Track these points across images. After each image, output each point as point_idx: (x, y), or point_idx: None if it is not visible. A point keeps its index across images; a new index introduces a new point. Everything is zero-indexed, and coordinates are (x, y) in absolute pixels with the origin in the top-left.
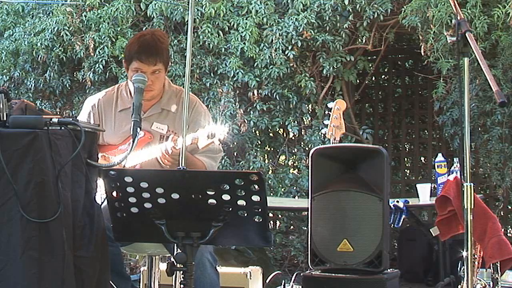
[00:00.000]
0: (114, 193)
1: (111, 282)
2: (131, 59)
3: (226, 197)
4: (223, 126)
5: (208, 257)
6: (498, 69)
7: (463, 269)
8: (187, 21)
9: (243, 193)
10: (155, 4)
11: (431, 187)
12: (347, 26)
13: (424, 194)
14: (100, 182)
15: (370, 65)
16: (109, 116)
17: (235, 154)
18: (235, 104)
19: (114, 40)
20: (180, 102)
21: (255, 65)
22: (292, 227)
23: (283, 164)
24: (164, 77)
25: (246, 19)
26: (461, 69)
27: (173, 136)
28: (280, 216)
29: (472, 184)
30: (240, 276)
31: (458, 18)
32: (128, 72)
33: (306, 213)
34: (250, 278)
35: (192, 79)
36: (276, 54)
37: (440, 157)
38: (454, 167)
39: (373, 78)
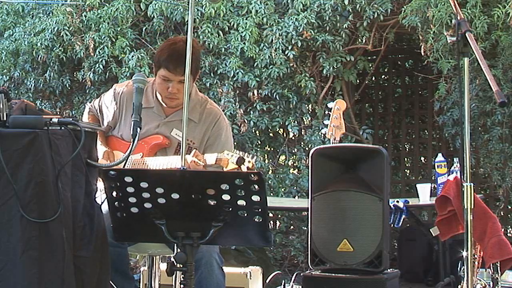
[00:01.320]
0: (114, 193)
1: (114, 282)
2: (159, 66)
3: (226, 197)
4: (251, 156)
5: (216, 258)
6: (498, 69)
7: (463, 269)
8: (187, 21)
9: (243, 193)
10: (155, 4)
11: (431, 187)
12: (347, 26)
13: (424, 194)
14: (100, 182)
15: (370, 65)
16: (129, 110)
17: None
18: (235, 104)
19: (114, 40)
20: (204, 113)
21: (255, 65)
22: (292, 227)
23: (283, 164)
24: (191, 86)
25: (246, 19)
26: (461, 69)
27: (195, 151)
28: (280, 216)
29: (472, 184)
30: (240, 276)
31: (458, 18)
32: (155, 76)
33: (306, 213)
34: (250, 278)
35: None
36: (276, 54)
37: (440, 157)
38: (454, 167)
39: (373, 78)
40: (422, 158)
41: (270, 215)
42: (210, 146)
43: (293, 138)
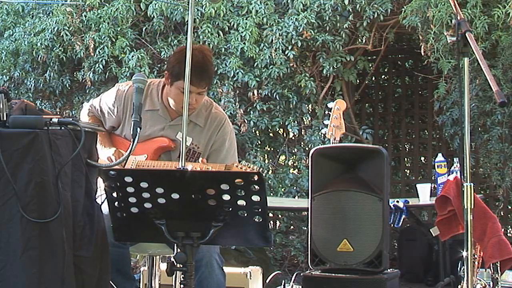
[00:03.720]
0: (114, 193)
1: (115, 282)
2: (178, 78)
3: (226, 197)
4: (256, 168)
5: (216, 258)
6: (498, 69)
7: (463, 269)
8: (187, 21)
9: (243, 193)
10: (155, 4)
11: (431, 187)
12: (347, 26)
13: (424, 194)
14: (100, 182)
15: (370, 65)
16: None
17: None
18: (235, 104)
19: (114, 40)
20: (209, 118)
21: (255, 65)
22: (292, 227)
23: (283, 164)
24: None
25: (246, 19)
26: (461, 69)
27: (202, 159)
28: (280, 216)
29: (472, 184)
30: (240, 276)
31: (458, 18)
32: (168, 83)
33: (306, 213)
34: (250, 278)
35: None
36: (276, 54)
37: (440, 157)
38: (454, 167)
39: (373, 78)
40: (422, 158)
41: (270, 215)
42: (215, 152)
43: (293, 138)
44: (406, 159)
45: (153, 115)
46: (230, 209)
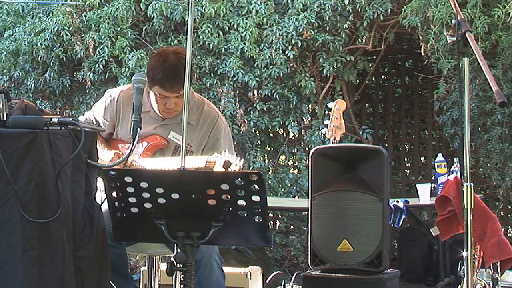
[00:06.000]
0: (114, 193)
1: (113, 282)
2: (153, 83)
3: (226, 197)
4: (238, 158)
5: (215, 258)
6: (498, 69)
7: (463, 269)
8: (187, 21)
9: (243, 193)
10: (155, 4)
11: (431, 187)
12: (347, 26)
13: (424, 194)
14: (100, 182)
15: (370, 65)
16: (127, 115)
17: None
18: (235, 104)
19: (114, 40)
20: (201, 116)
21: (255, 65)
22: (292, 227)
23: (283, 164)
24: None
25: (246, 19)
26: (461, 69)
27: (210, 161)
28: (280, 216)
29: (472, 184)
30: (240, 276)
31: (458, 18)
32: (148, 87)
33: (306, 213)
34: (250, 278)
35: (192, 79)
36: (276, 54)
37: (440, 157)
38: (454, 167)
39: (373, 78)
40: (422, 158)
41: (270, 215)
42: (210, 150)
43: (293, 138)
44: (406, 159)
45: (145, 117)
46: (230, 209)
